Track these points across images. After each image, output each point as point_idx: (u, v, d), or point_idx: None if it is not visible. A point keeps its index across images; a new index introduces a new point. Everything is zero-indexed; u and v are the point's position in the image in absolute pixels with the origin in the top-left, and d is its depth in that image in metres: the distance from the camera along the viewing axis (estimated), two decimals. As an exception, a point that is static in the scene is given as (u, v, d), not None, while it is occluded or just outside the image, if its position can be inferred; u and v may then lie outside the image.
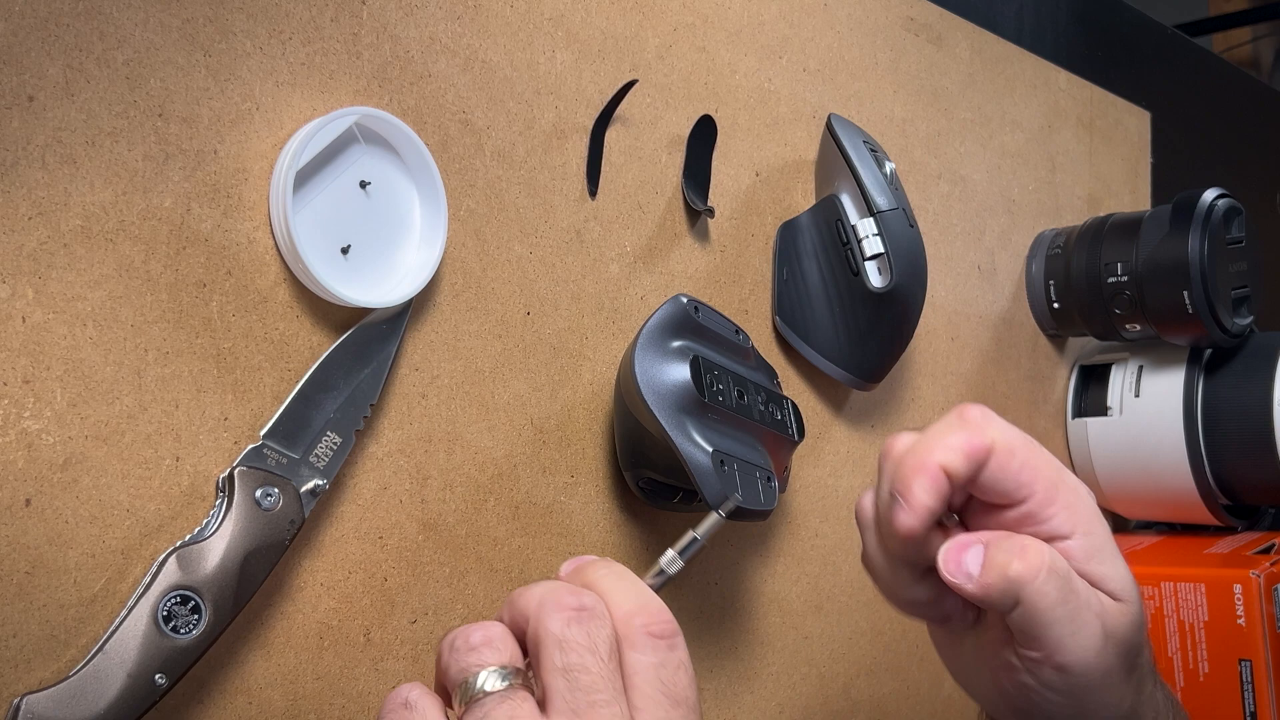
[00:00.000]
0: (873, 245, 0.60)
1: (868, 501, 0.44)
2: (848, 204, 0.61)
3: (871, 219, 0.60)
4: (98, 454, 0.40)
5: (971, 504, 0.42)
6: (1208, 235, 0.70)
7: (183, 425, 0.42)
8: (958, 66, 0.77)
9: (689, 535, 0.40)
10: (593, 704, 0.32)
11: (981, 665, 0.43)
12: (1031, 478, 0.40)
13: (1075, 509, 0.40)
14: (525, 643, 0.35)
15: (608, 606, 0.35)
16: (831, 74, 0.67)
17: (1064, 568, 0.39)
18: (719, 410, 0.51)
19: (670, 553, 0.39)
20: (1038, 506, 0.40)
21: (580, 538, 0.53)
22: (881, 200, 0.60)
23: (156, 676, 0.38)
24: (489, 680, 0.33)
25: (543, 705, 0.33)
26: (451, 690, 0.34)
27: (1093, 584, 0.40)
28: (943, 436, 0.40)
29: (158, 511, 0.41)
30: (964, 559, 0.40)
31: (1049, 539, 0.40)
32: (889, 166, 0.62)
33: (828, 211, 0.62)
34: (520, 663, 0.35)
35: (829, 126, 0.63)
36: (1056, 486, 0.40)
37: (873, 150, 0.62)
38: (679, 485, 0.52)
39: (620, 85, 0.55)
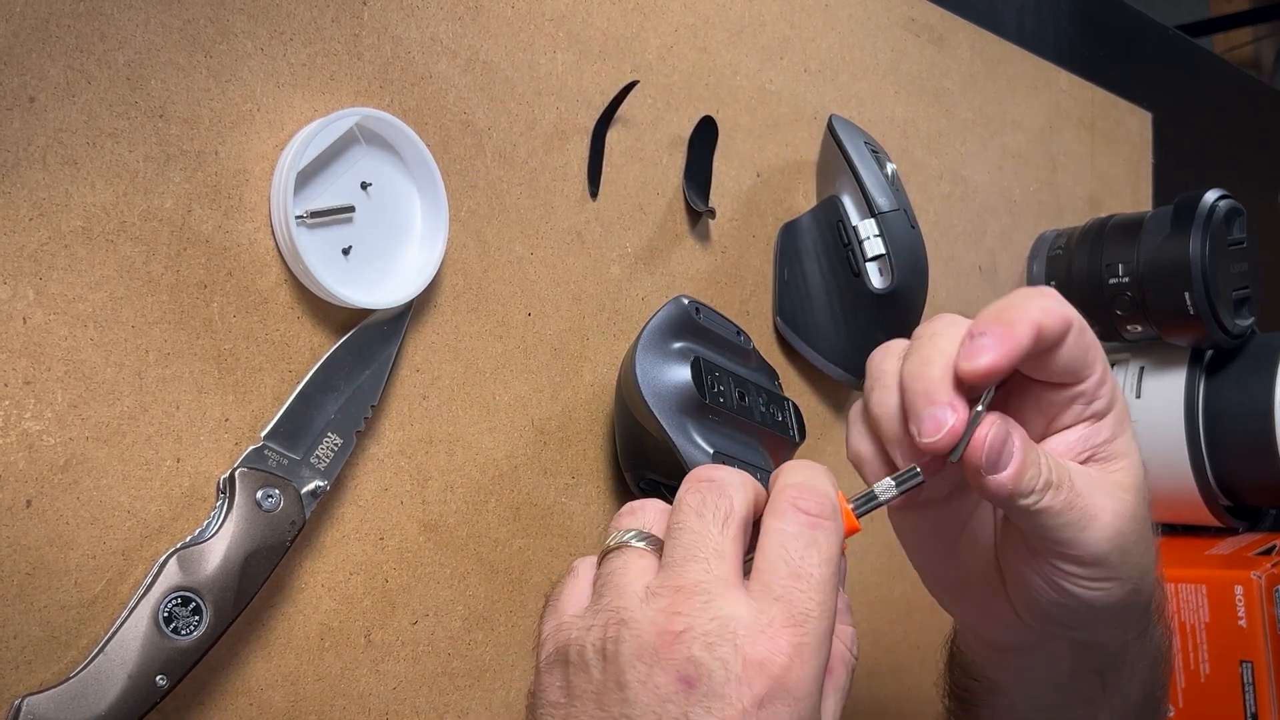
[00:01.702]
0: (874, 246, 0.60)
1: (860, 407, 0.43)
2: (849, 205, 0.61)
3: (873, 220, 0.60)
4: (98, 455, 0.40)
5: (1008, 382, 0.41)
6: (1209, 236, 0.70)
7: (183, 426, 0.42)
8: (959, 67, 0.77)
9: (912, 468, 0.38)
10: (686, 558, 0.34)
11: (976, 557, 0.43)
12: (1095, 356, 0.39)
13: (1114, 386, 0.41)
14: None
15: (776, 481, 0.37)
16: (833, 75, 0.67)
17: (1061, 477, 0.38)
18: (720, 411, 0.51)
19: (888, 480, 0.38)
20: (1093, 386, 0.40)
21: (581, 539, 0.53)
22: (883, 201, 0.60)
23: (157, 678, 0.38)
24: (618, 539, 0.37)
25: None
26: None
27: (1110, 458, 0.40)
28: (1034, 298, 0.38)
29: (158, 513, 0.41)
30: (999, 453, 0.38)
31: (1090, 417, 0.40)
32: (890, 167, 0.62)
33: (829, 212, 0.62)
34: (660, 531, 0.37)
35: (830, 127, 0.63)
36: (1107, 366, 0.40)
37: (874, 151, 0.62)
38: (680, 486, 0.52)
39: (621, 86, 0.55)
